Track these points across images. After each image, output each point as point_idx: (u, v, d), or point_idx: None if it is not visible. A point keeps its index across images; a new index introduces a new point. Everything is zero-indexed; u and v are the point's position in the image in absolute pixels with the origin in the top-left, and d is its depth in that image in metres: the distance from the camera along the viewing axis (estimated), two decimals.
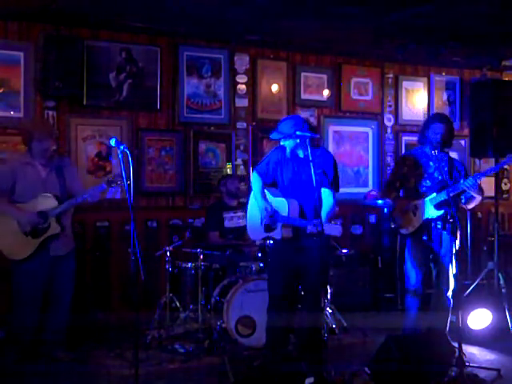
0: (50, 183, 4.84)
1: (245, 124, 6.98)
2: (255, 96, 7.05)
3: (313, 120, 7.30)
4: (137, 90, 6.39)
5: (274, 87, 7.07)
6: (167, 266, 5.64)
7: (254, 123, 7.02)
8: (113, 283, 6.31)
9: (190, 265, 5.66)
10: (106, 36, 6.27)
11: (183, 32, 6.40)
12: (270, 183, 4.67)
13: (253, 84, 7.03)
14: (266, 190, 4.66)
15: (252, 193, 4.74)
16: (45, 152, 4.78)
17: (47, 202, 4.79)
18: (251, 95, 7.03)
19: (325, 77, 7.42)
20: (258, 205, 4.60)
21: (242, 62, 6.97)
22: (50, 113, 6.03)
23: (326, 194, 4.45)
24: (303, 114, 7.22)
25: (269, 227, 4.54)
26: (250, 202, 4.79)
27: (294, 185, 4.53)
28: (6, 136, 5.87)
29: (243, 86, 6.99)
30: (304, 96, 7.31)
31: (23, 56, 5.89)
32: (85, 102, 6.16)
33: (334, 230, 4.21)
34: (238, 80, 6.97)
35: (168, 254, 5.63)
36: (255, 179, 4.68)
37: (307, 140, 4.36)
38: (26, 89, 5.92)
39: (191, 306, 5.60)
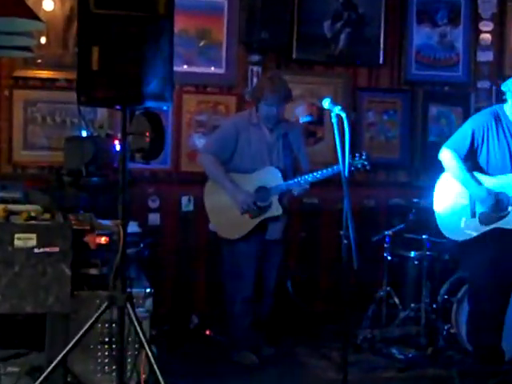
0: (275, 152, 4.64)
1: (488, 83, 6.17)
2: (503, 48, 6.17)
3: None
4: (355, 42, 5.90)
5: None
6: (386, 255, 5.26)
7: (499, 82, 5.95)
8: (321, 270, 5.95)
9: (413, 254, 5.23)
10: None
11: None
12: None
13: (500, 33, 6.16)
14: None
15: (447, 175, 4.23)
16: (272, 118, 4.57)
17: (271, 177, 4.56)
18: (498, 47, 6.18)
19: None
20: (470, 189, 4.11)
21: (487, 5, 6.11)
22: (255, 68, 5.70)
23: None
24: None
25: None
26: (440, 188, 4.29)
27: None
28: (206, 95, 5.66)
29: (488, 36, 6.16)
30: None
31: (227, 3, 5.58)
32: (294, 56, 5.77)
33: None
34: (482, 28, 6.15)
35: (387, 239, 5.27)
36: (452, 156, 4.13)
37: None
38: (228, 41, 5.62)
39: (412, 305, 5.21)
